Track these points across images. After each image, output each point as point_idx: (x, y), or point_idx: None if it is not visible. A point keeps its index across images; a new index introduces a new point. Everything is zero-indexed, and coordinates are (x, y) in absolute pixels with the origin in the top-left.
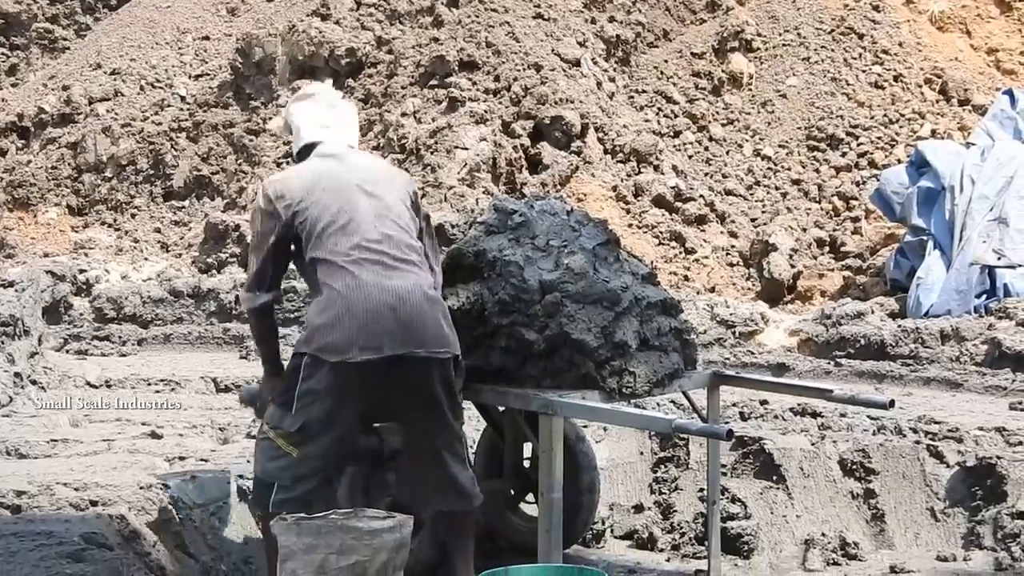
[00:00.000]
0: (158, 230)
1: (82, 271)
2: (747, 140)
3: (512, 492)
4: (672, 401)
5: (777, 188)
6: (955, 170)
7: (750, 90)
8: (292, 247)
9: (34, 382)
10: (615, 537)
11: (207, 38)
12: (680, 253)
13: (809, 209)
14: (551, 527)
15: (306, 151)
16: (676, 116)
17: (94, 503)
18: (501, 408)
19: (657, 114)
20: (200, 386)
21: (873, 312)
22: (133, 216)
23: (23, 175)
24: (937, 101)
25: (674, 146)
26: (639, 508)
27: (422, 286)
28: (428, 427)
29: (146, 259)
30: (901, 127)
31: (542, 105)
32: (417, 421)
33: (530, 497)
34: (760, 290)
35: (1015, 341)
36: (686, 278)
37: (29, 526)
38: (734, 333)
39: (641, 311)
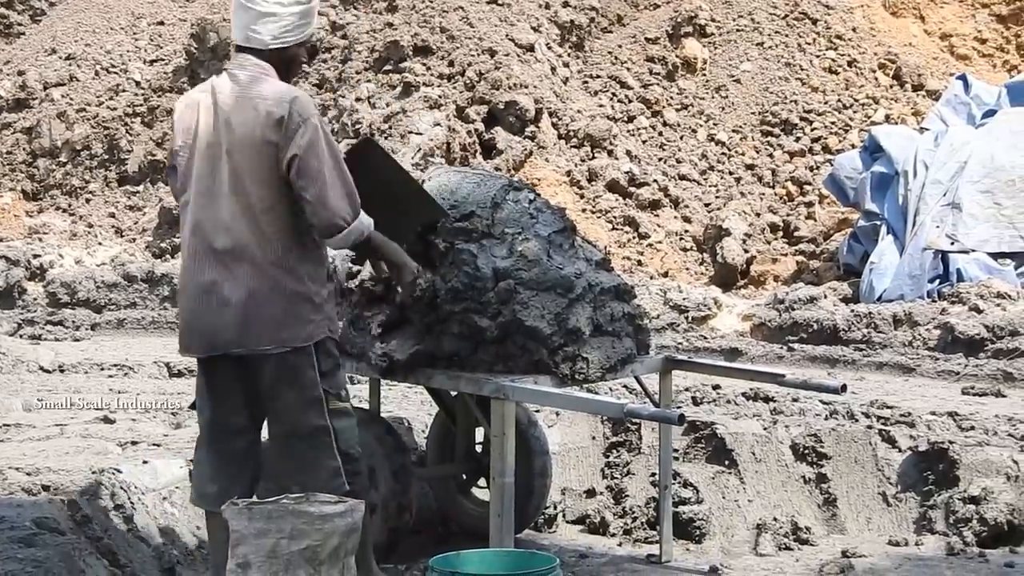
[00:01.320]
0: (112, 215)
1: (36, 256)
2: (701, 125)
3: (464, 476)
4: (624, 386)
5: (731, 173)
6: (908, 155)
7: (704, 75)
8: None
9: None
10: (567, 522)
11: (162, 23)
12: (634, 238)
13: (763, 194)
14: (503, 511)
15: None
16: (630, 101)
17: (46, 488)
18: (453, 392)
19: (611, 99)
20: (153, 371)
21: (826, 297)
22: (87, 201)
23: None
24: (891, 86)
25: (628, 131)
26: (591, 493)
27: (250, 279)
28: (273, 418)
29: (100, 244)
30: (855, 112)
31: (496, 90)
32: (269, 412)
33: (482, 482)
34: (713, 275)
35: (968, 326)
36: (639, 263)
37: None
38: (687, 318)
39: (595, 297)
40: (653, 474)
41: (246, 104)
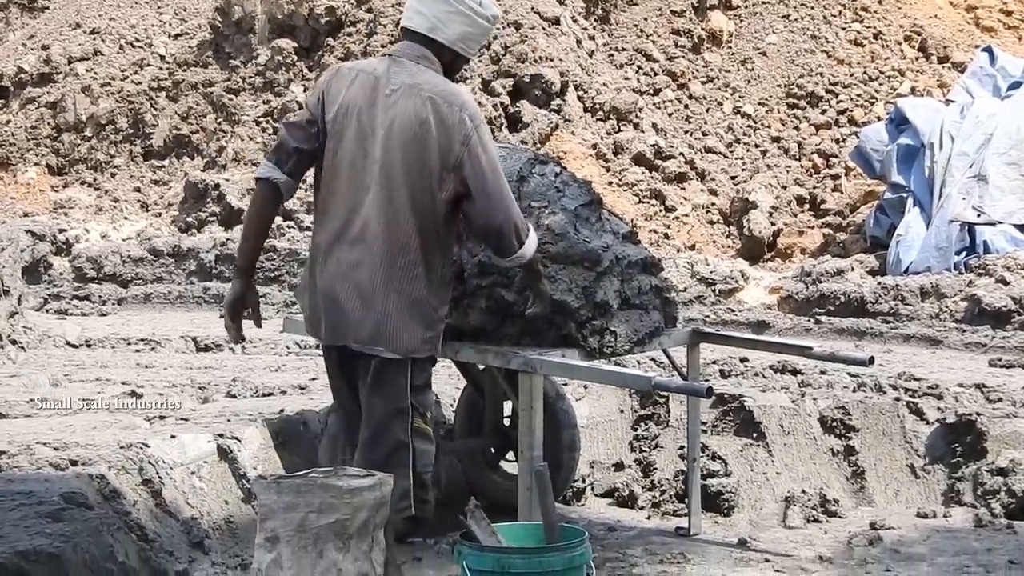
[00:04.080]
0: (138, 189)
1: (62, 230)
2: (727, 98)
3: (492, 450)
4: (652, 359)
5: (757, 146)
6: (935, 127)
7: (730, 48)
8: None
9: (14, 342)
10: (595, 495)
11: None
12: (660, 211)
13: (789, 167)
14: (531, 485)
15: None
16: (656, 74)
17: (74, 462)
18: (481, 366)
19: (637, 72)
20: (180, 345)
21: (853, 269)
22: (113, 175)
23: (2, 135)
24: (916, 58)
25: (654, 104)
26: (619, 466)
27: (376, 274)
28: (362, 420)
29: (126, 218)
30: (881, 84)
31: (522, 63)
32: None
33: (510, 455)
34: (740, 248)
35: (994, 298)
36: (666, 236)
37: (9, 486)
38: (714, 291)
39: (622, 270)
40: (681, 447)
41: (413, 93)
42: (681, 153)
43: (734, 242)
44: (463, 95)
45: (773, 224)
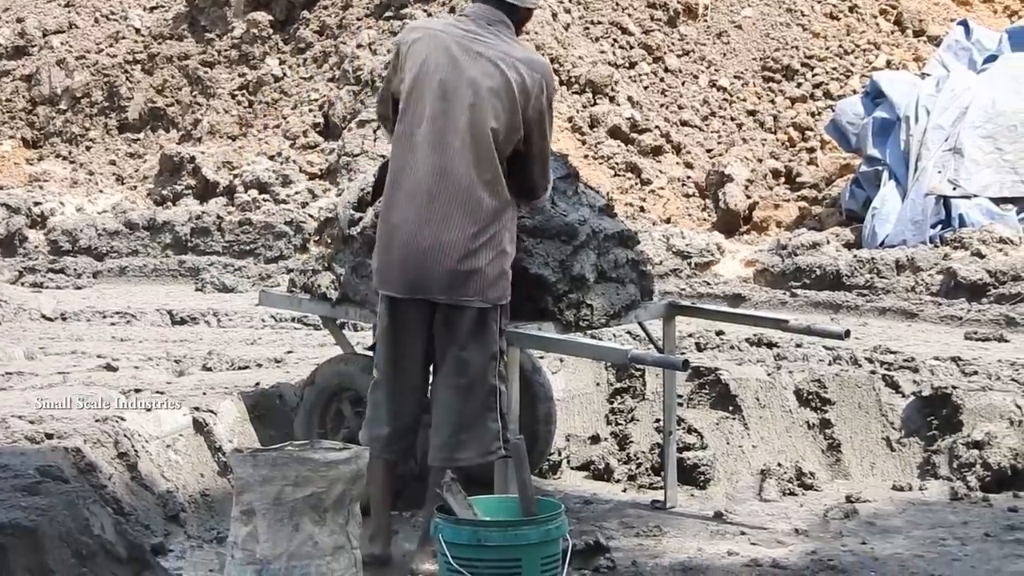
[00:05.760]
0: (113, 162)
1: (37, 204)
2: (702, 71)
3: None
4: (628, 332)
5: (732, 119)
6: (910, 101)
7: (705, 21)
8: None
9: None
10: (572, 468)
11: None
12: (636, 184)
13: (764, 140)
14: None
15: None
16: (631, 47)
17: (49, 436)
18: None
19: (612, 45)
20: (155, 318)
21: (829, 242)
22: (88, 148)
23: None
24: (892, 32)
25: (629, 77)
26: (595, 439)
27: (470, 230)
28: (454, 369)
29: (101, 191)
30: (856, 58)
31: None
32: (451, 362)
33: None
34: (716, 221)
35: (970, 271)
36: (642, 209)
37: None
38: (690, 264)
39: (598, 243)
40: (657, 420)
41: (498, 59)
42: (657, 126)
43: (710, 215)
44: (544, 64)
45: (749, 197)
